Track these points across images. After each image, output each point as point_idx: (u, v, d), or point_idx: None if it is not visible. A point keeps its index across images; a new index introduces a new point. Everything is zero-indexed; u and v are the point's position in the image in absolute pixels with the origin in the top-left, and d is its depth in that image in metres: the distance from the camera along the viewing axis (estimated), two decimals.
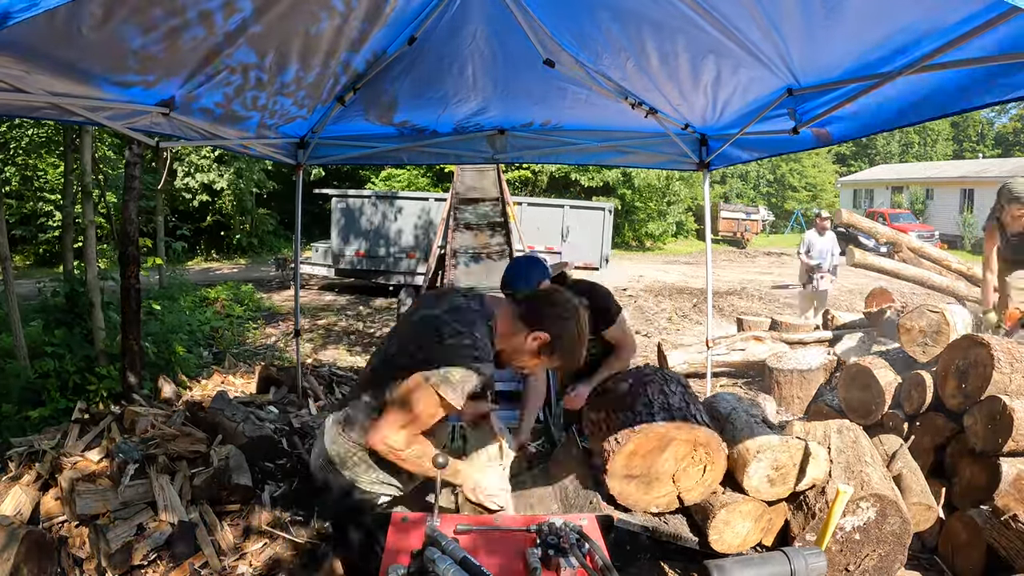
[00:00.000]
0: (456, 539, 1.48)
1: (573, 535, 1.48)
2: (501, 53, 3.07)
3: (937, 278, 7.10)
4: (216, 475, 3.31)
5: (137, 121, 2.63)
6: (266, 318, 9.46)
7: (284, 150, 4.01)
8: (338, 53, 2.75)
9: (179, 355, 5.89)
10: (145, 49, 1.95)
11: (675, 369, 6.47)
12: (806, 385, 5.57)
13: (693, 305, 11.52)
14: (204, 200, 17.26)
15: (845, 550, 2.70)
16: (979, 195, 25.86)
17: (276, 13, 2.14)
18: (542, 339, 1.82)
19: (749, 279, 15.58)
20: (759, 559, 1.62)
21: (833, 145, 3.16)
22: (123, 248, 4.82)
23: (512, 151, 4.22)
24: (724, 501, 2.59)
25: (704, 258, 4.45)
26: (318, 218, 17.61)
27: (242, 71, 2.49)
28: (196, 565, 2.90)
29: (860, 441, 3.16)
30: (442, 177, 21.13)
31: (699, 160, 3.92)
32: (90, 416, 3.91)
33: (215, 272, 15.23)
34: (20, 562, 2.51)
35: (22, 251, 15.20)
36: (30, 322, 5.79)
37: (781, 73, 2.52)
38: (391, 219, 11.74)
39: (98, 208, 6.97)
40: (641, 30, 2.59)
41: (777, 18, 2.09)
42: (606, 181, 21.91)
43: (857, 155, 40.53)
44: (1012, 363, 3.33)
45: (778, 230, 31.44)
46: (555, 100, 3.57)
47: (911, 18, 1.81)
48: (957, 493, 3.38)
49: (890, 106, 2.41)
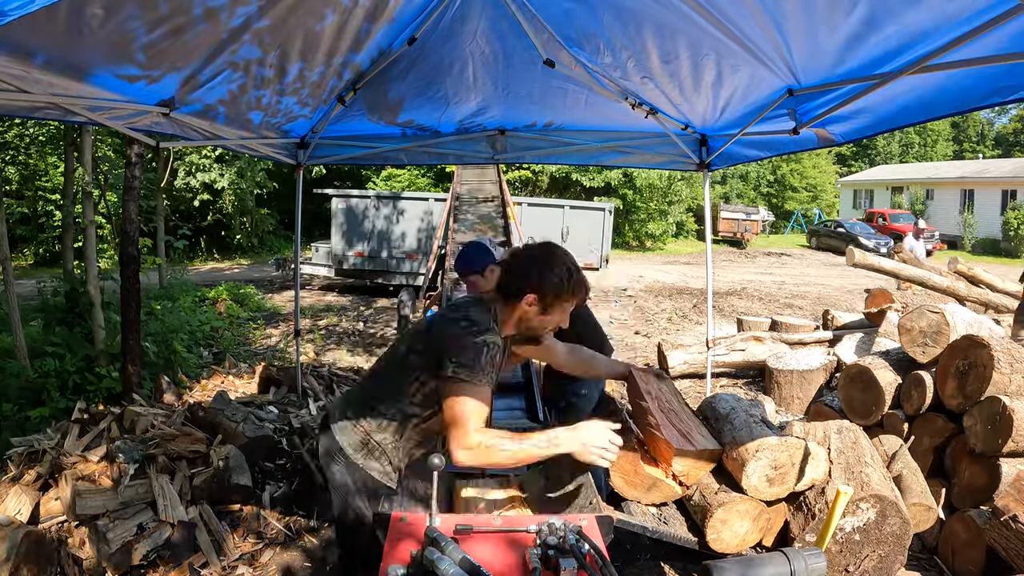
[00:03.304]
0: (456, 539, 1.48)
1: (573, 535, 1.48)
2: (502, 53, 3.07)
3: (937, 279, 7.10)
4: (216, 475, 3.31)
5: (138, 121, 2.63)
6: (266, 318, 9.46)
7: (285, 150, 4.02)
8: (342, 51, 2.76)
9: (179, 355, 5.88)
10: (151, 43, 1.95)
11: (675, 369, 6.48)
12: (806, 385, 5.56)
13: (693, 305, 11.52)
14: (205, 200, 17.26)
15: (845, 551, 2.70)
16: (979, 196, 25.86)
17: (282, 7, 2.14)
18: (534, 297, 1.84)
19: (749, 279, 15.58)
20: (759, 559, 1.62)
21: (835, 146, 3.17)
22: (123, 248, 4.82)
23: (513, 151, 4.22)
24: (721, 500, 2.60)
25: (704, 258, 4.44)
26: (318, 218, 17.60)
27: (245, 68, 2.49)
28: (196, 565, 2.91)
29: (860, 442, 3.16)
30: (443, 177, 21.12)
31: (699, 160, 3.92)
32: (90, 416, 3.91)
33: (216, 272, 15.23)
34: (20, 562, 2.51)
35: (22, 251, 15.21)
36: (30, 322, 5.79)
37: (782, 73, 2.52)
38: (392, 219, 11.72)
39: (98, 208, 6.98)
40: (642, 30, 2.59)
41: (778, 17, 2.09)
42: (607, 181, 21.89)
43: (857, 155, 40.51)
44: (1012, 364, 3.33)
45: (778, 230, 31.42)
46: (556, 100, 3.57)
47: (912, 18, 1.81)
48: (957, 494, 3.38)
49: (891, 106, 2.41)
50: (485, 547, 1.53)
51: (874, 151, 40.01)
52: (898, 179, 30.89)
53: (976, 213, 25.50)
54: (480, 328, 1.78)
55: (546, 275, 1.82)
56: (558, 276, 1.83)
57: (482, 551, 1.50)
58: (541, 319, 1.89)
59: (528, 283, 1.83)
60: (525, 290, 1.83)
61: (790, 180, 32.45)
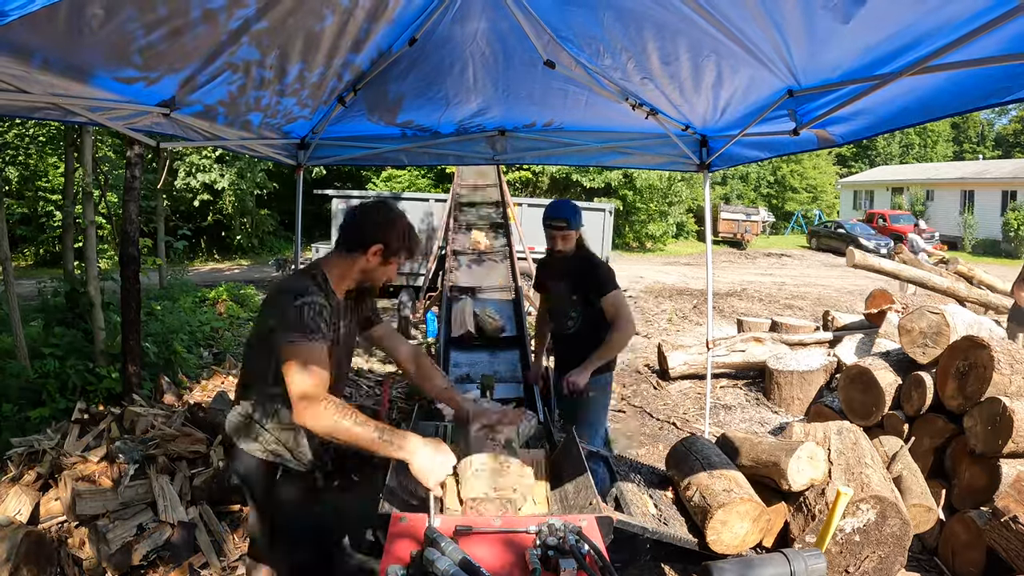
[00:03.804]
0: (455, 540, 1.48)
1: (572, 536, 1.48)
2: (502, 54, 3.07)
3: (938, 279, 7.10)
4: (216, 475, 3.31)
5: (138, 121, 2.63)
6: None
7: (285, 151, 4.02)
8: (341, 52, 2.76)
9: (179, 355, 5.89)
10: (149, 45, 1.95)
11: (675, 370, 6.48)
12: (806, 386, 5.57)
13: (693, 306, 11.52)
14: (205, 200, 17.26)
15: (845, 552, 2.70)
16: (979, 196, 25.86)
17: (281, 9, 2.14)
18: (380, 247, 1.97)
19: (749, 280, 15.58)
20: (759, 560, 1.63)
21: (836, 147, 3.16)
22: (123, 248, 4.82)
23: (513, 152, 4.22)
24: (721, 501, 2.60)
25: (704, 259, 4.44)
26: (319, 219, 17.59)
27: (244, 69, 2.49)
28: (196, 566, 2.91)
29: (860, 443, 3.17)
30: (443, 178, 21.12)
31: (700, 161, 3.92)
32: (90, 416, 3.91)
33: (216, 273, 15.23)
34: (20, 562, 2.51)
35: (23, 251, 15.22)
36: (30, 322, 5.78)
37: (782, 74, 2.52)
38: None
39: (98, 208, 6.98)
40: (642, 31, 2.59)
41: (778, 18, 2.09)
42: (608, 182, 21.88)
43: (857, 156, 40.50)
44: (1012, 364, 3.34)
45: (778, 231, 31.42)
46: (556, 101, 3.57)
47: (913, 18, 1.81)
48: (957, 495, 3.39)
49: (891, 107, 2.41)
50: (485, 547, 1.53)
51: (874, 152, 40.01)
52: (898, 180, 30.90)
53: (976, 214, 25.50)
54: (296, 292, 1.86)
55: (391, 230, 1.99)
56: (401, 231, 2.02)
57: (482, 551, 1.50)
58: (382, 270, 2.03)
59: (376, 234, 1.97)
60: (372, 241, 1.97)
61: (790, 181, 32.45)
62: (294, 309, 1.81)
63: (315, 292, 1.89)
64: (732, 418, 5.54)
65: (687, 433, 4.76)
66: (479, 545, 1.54)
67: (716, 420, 5.40)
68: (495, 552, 1.52)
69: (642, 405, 5.92)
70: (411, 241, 2.05)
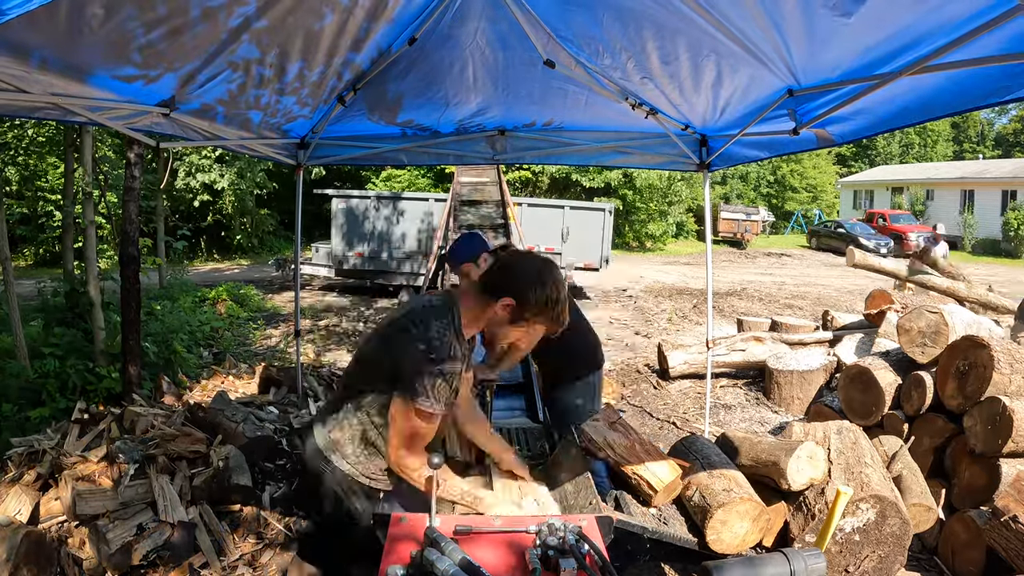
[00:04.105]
0: (455, 540, 1.48)
1: (572, 536, 1.48)
2: (502, 53, 3.07)
3: (937, 280, 7.08)
4: (216, 475, 3.31)
5: (137, 121, 2.63)
6: (267, 319, 9.46)
7: (285, 150, 4.02)
8: (341, 51, 2.76)
9: (179, 355, 5.89)
10: (149, 44, 1.95)
11: (675, 369, 6.48)
12: (806, 386, 5.57)
13: (693, 306, 11.52)
14: (205, 200, 17.26)
15: (845, 551, 2.70)
16: (979, 196, 25.84)
17: (281, 8, 2.14)
18: (509, 304, 1.72)
19: (749, 280, 15.58)
20: (758, 560, 1.63)
21: (835, 146, 3.16)
22: (123, 248, 4.82)
23: (513, 152, 4.22)
24: (721, 501, 2.60)
25: (704, 259, 4.44)
26: (318, 219, 17.60)
27: (244, 67, 2.49)
28: (196, 566, 2.91)
29: (860, 442, 3.16)
30: (443, 177, 21.12)
31: (699, 161, 3.92)
32: (90, 416, 3.91)
33: (215, 272, 15.23)
34: (20, 563, 2.51)
35: (23, 251, 15.21)
36: (30, 322, 5.78)
37: (781, 73, 2.52)
38: (392, 220, 11.73)
39: (98, 208, 6.97)
40: (642, 30, 2.59)
41: (777, 18, 2.09)
42: (607, 182, 21.88)
43: (857, 156, 40.48)
44: (1012, 364, 3.34)
45: (778, 231, 31.42)
46: (556, 100, 3.57)
47: (912, 18, 1.81)
48: (957, 494, 3.39)
49: (891, 107, 2.41)
50: (485, 548, 1.53)
51: (874, 151, 40.00)
52: (898, 179, 30.89)
53: (976, 213, 25.49)
54: (440, 355, 1.67)
55: (534, 290, 1.72)
56: (544, 297, 1.72)
57: (482, 552, 1.50)
58: (506, 329, 1.80)
59: (514, 287, 1.73)
60: (506, 293, 1.73)
61: (790, 180, 32.44)
62: (430, 375, 1.65)
63: (456, 355, 1.70)
64: (732, 417, 5.54)
65: (687, 433, 4.76)
66: (479, 545, 1.54)
67: (716, 419, 5.40)
68: (495, 552, 1.52)
69: (642, 405, 5.92)
70: (555, 310, 1.74)
